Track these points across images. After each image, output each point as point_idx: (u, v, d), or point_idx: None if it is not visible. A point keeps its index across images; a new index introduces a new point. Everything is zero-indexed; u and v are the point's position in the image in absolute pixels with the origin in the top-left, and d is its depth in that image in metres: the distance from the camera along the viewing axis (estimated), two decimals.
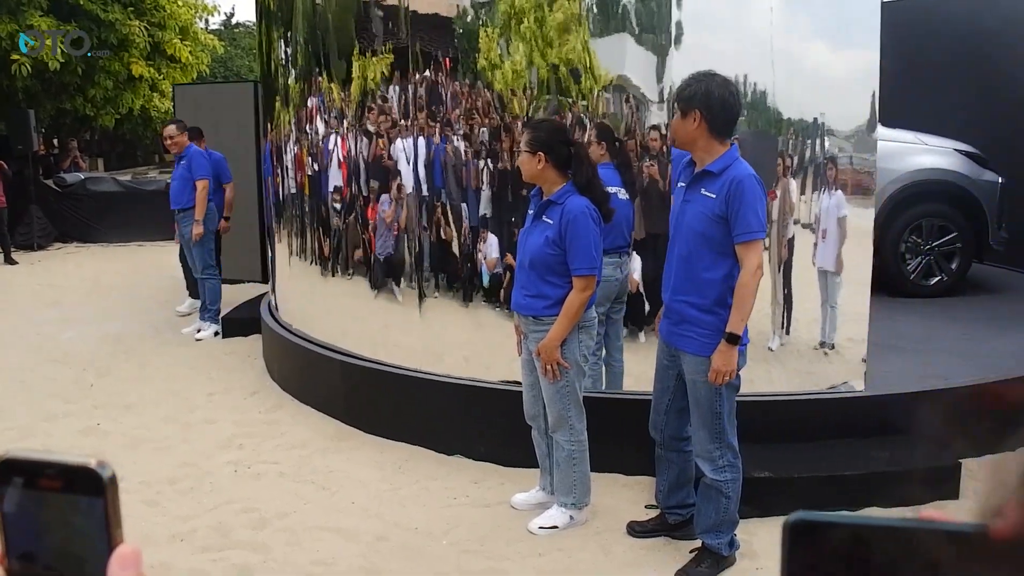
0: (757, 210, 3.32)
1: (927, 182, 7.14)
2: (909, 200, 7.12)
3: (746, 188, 3.31)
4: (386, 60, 5.10)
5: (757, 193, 3.33)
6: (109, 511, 0.63)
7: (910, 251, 7.18)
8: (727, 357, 3.36)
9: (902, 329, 6.10)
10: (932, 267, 7.21)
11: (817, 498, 4.19)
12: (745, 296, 3.34)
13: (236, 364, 7.04)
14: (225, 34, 31.65)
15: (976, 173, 7.20)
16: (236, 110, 9.71)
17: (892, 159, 6.93)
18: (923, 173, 7.11)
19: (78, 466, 0.63)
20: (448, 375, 5.04)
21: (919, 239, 7.15)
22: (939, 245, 7.16)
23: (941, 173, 7.14)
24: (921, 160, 7.15)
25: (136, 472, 4.82)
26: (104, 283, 11.00)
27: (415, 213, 5.13)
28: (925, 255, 7.18)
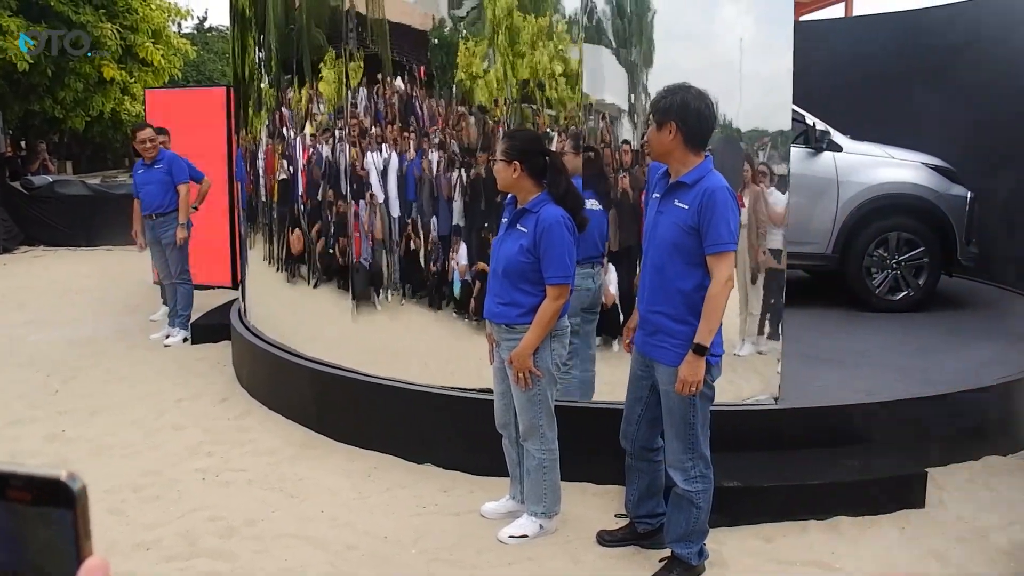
0: (729, 222, 3.34)
1: (893, 195, 7.10)
2: (874, 213, 7.09)
3: (718, 200, 3.33)
4: (358, 68, 5.09)
5: (729, 205, 3.35)
6: (79, 523, 0.62)
7: (876, 265, 7.14)
8: (694, 368, 3.38)
9: (851, 343, 6.15)
10: (899, 281, 7.16)
11: (786, 507, 4.22)
12: (714, 308, 3.36)
13: (205, 370, 6.98)
14: (198, 38, 31.52)
15: (944, 187, 7.15)
16: (208, 114, 9.67)
17: (857, 172, 7.02)
18: (889, 186, 7.07)
19: (48, 478, 0.63)
20: (418, 383, 5.03)
21: (885, 253, 7.12)
22: (906, 259, 7.11)
23: (907, 187, 7.10)
24: (887, 173, 7.11)
25: (101, 479, 4.76)
26: (71, 287, 10.88)
27: (386, 221, 5.12)
28: (891, 269, 7.14)
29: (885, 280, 7.16)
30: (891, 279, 7.15)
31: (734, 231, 3.36)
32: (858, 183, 7.01)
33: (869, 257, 7.11)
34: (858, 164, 7.08)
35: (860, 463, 4.45)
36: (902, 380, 5.18)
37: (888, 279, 7.16)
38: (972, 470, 4.84)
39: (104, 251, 13.90)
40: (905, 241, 7.10)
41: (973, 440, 4.97)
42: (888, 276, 7.15)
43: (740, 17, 4.49)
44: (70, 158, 24.50)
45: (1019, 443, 5.09)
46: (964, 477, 4.74)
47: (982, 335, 6.35)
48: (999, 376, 5.16)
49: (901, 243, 7.10)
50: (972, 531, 4.16)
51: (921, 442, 4.68)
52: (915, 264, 7.12)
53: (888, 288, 7.17)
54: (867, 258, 7.11)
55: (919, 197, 7.08)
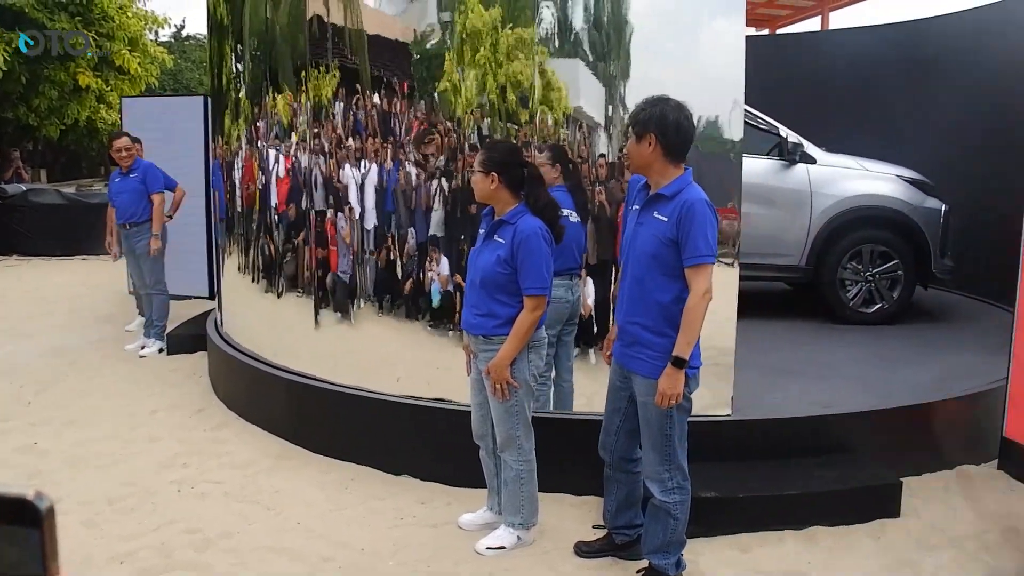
0: (707, 234, 3.35)
1: (866, 208, 7.09)
2: (848, 226, 7.09)
3: (696, 212, 3.35)
4: (335, 79, 5.09)
5: (708, 217, 3.37)
6: (46, 542, 0.62)
7: (851, 278, 7.13)
8: (673, 380, 3.39)
9: (820, 355, 6.16)
10: (873, 294, 7.16)
11: (762, 518, 4.24)
12: (692, 320, 3.37)
13: (181, 381, 6.93)
14: (175, 46, 31.38)
15: (918, 200, 7.15)
16: (185, 124, 9.62)
17: (831, 184, 7.03)
18: (862, 199, 7.07)
19: (15, 497, 0.62)
20: (395, 394, 5.02)
21: (860, 265, 7.11)
22: (880, 272, 7.11)
23: (881, 199, 7.09)
24: (861, 186, 7.11)
25: (75, 492, 4.72)
26: (45, 297, 10.79)
27: (363, 232, 5.11)
28: (865, 282, 7.13)
29: (859, 293, 7.15)
30: (865, 292, 7.15)
31: (712, 243, 3.37)
32: (831, 195, 7.03)
33: (843, 269, 7.10)
34: (832, 176, 7.09)
35: (836, 473, 4.48)
36: (863, 392, 5.19)
37: (862, 292, 7.15)
38: (947, 479, 4.88)
39: (79, 260, 13.79)
40: (879, 254, 7.10)
41: (943, 450, 5.02)
42: (862, 289, 7.15)
43: (693, 30, 4.54)
44: (44, 166, 24.30)
45: (992, 453, 5.14)
46: (939, 486, 4.78)
47: (954, 347, 6.38)
48: (967, 388, 5.20)
49: (875, 256, 7.10)
50: (947, 540, 4.19)
51: (873, 454, 4.68)
52: (890, 277, 7.12)
53: (862, 300, 7.16)
54: (841, 270, 7.10)
55: (893, 209, 7.09)
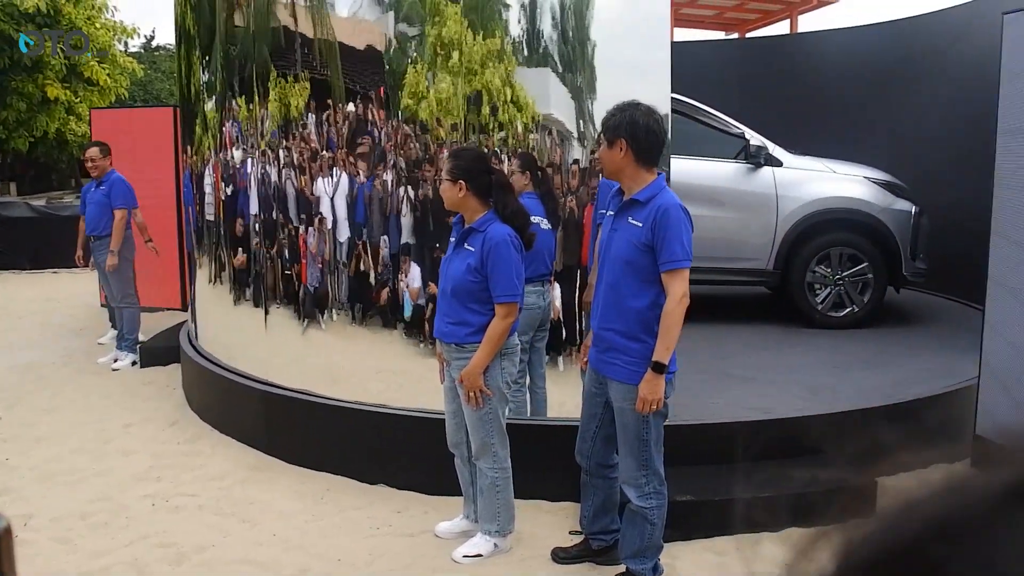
0: (682, 239, 3.36)
1: (833, 210, 6.99)
2: (815, 228, 7.00)
3: (671, 217, 3.36)
4: (304, 89, 5.07)
5: (683, 222, 3.38)
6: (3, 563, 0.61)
7: (820, 281, 7.03)
8: (653, 386, 3.39)
9: (779, 360, 6.12)
10: (843, 298, 7.05)
11: (738, 520, 4.25)
12: (670, 325, 3.38)
13: (154, 394, 6.87)
14: (145, 57, 31.15)
15: (887, 202, 7.05)
16: (155, 135, 9.55)
17: (797, 187, 6.97)
18: (829, 201, 6.98)
19: None
20: (369, 404, 5.00)
21: (828, 269, 7.01)
22: (849, 275, 7.00)
23: (848, 201, 6.99)
24: (827, 188, 7.02)
25: (46, 508, 4.66)
26: (15, 311, 10.66)
27: (335, 243, 5.09)
28: (834, 285, 7.03)
29: (828, 296, 7.06)
30: (835, 295, 7.05)
31: (687, 248, 3.38)
32: (797, 198, 6.95)
33: (811, 273, 7.01)
34: (798, 179, 7.01)
35: (809, 475, 4.50)
36: (806, 398, 5.17)
37: (831, 295, 7.05)
38: (921, 478, 4.91)
39: (50, 274, 13.64)
40: (848, 257, 7.01)
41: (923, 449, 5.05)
42: (831, 292, 7.05)
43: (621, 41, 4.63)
44: (13, 179, 24.06)
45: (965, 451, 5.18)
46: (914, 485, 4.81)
47: (917, 349, 6.38)
48: (914, 393, 5.22)
49: (844, 259, 7.01)
50: None
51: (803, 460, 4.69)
52: (859, 280, 7.03)
53: (832, 304, 7.06)
54: (809, 274, 7.01)
55: (860, 212, 7.00)
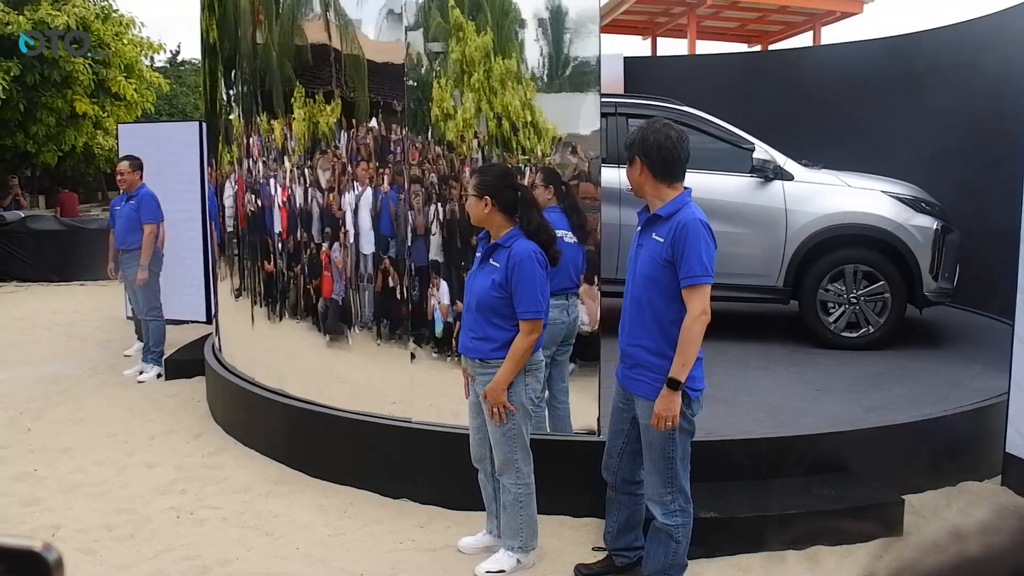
0: (701, 255, 3.34)
1: (846, 226, 6.68)
2: (827, 244, 6.71)
3: (690, 232, 3.35)
4: (331, 105, 5.09)
5: (702, 237, 3.36)
6: None
7: (834, 300, 6.73)
8: (668, 402, 3.37)
9: (763, 381, 5.98)
10: (859, 317, 6.74)
11: (763, 538, 4.21)
12: (687, 340, 3.35)
13: (178, 406, 6.91)
14: (170, 71, 31.47)
15: (904, 217, 6.67)
16: (181, 149, 9.64)
17: (808, 201, 6.72)
18: (842, 216, 6.68)
19: (24, 549, 0.62)
20: (393, 418, 5.00)
21: (843, 287, 6.71)
22: (865, 294, 6.68)
23: (862, 216, 6.66)
24: (840, 202, 6.73)
25: (73, 519, 4.70)
26: (42, 323, 10.77)
27: (360, 258, 5.10)
28: (849, 304, 6.72)
29: (842, 316, 6.76)
30: (849, 315, 6.75)
31: (707, 264, 3.36)
32: (808, 213, 6.70)
33: (824, 291, 6.74)
34: (809, 193, 6.76)
35: (836, 492, 4.46)
36: (763, 422, 5.03)
37: (845, 315, 6.76)
38: (949, 496, 4.86)
39: (76, 286, 13.79)
40: (864, 275, 6.70)
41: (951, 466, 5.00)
42: (845, 311, 6.76)
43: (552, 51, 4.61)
44: (42, 192, 24.34)
45: (995, 468, 5.12)
46: (941, 503, 4.76)
47: (944, 364, 6.25)
48: (942, 410, 5.14)
49: (859, 277, 6.70)
50: None
51: (829, 478, 4.59)
52: (876, 299, 6.71)
53: (846, 324, 6.76)
54: (822, 292, 6.74)
55: (875, 227, 6.66)
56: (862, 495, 4.47)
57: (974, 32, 8.64)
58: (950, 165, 8.57)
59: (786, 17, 15.22)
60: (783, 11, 14.74)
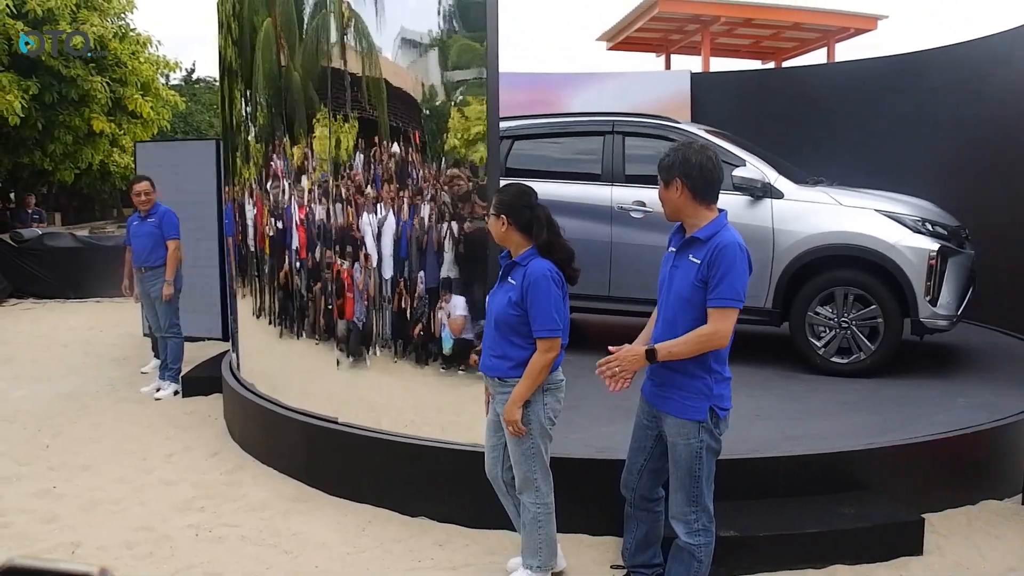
0: (735, 281, 3.32)
1: (835, 246, 6.41)
2: (814, 266, 6.49)
3: (727, 255, 3.34)
4: (351, 128, 5.12)
5: (739, 261, 3.34)
6: None
7: (824, 323, 6.49)
8: (635, 359, 3.40)
9: (823, 392, 5.99)
10: (850, 342, 6.46)
11: (783, 556, 4.20)
12: (688, 342, 3.36)
13: (196, 424, 6.94)
14: (186, 89, 31.74)
15: (898, 238, 6.30)
16: (198, 167, 9.72)
17: (796, 220, 6.53)
18: (831, 236, 6.42)
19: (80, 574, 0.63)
20: (411, 436, 5.00)
21: (832, 310, 6.46)
22: (857, 319, 6.40)
23: (852, 236, 6.37)
24: (829, 222, 6.46)
25: (92, 537, 4.71)
26: (59, 340, 10.83)
27: (377, 277, 5.12)
28: (840, 328, 6.45)
29: (832, 340, 6.50)
30: (839, 339, 6.48)
31: (739, 289, 3.34)
32: (796, 232, 6.49)
33: (814, 315, 6.51)
34: (798, 212, 6.55)
35: (855, 511, 4.44)
36: (782, 440, 4.95)
37: (836, 339, 6.49)
38: (970, 515, 4.83)
39: (93, 303, 13.88)
40: (857, 298, 6.42)
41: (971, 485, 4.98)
42: (835, 336, 6.49)
43: None
44: (59, 209, 24.53)
45: (1015, 487, 5.10)
46: (962, 522, 4.74)
47: (932, 391, 6.02)
48: (963, 428, 5.09)
49: (851, 300, 6.43)
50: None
51: (849, 496, 4.59)
52: (869, 324, 6.41)
53: (836, 349, 6.50)
54: (811, 315, 6.51)
55: (866, 248, 6.34)
56: (882, 514, 4.44)
57: (988, 49, 8.64)
58: (967, 180, 8.57)
59: (800, 34, 15.26)
60: (797, 28, 14.78)
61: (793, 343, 6.69)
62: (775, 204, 6.61)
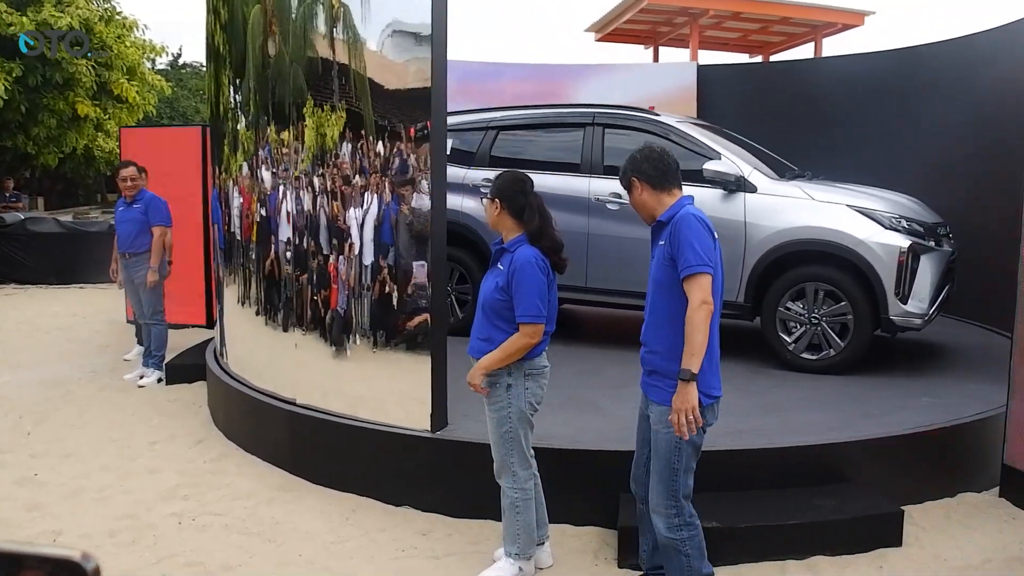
0: (694, 245, 3.34)
1: (804, 241, 6.36)
2: (785, 261, 6.45)
3: (683, 225, 3.38)
4: (339, 119, 5.10)
5: (694, 228, 3.37)
6: None
7: (793, 319, 6.45)
8: (684, 395, 3.31)
9: (805, 386, 5.99)
10: (820, 339, 6.39)
11: (764, 547, 4.24)
12: (692, 330, 3.31)
13: (180, 411, 6.92)
14: (172, 74, 31.52)
15: (868, 234, 6.22)
16: (183, 153, 9.67)
17: (768, 215, 6.50)
18: (800, 231, 6.37)
19: (62, 558, 0.64)
20: (395, 425, 5.01)
21: (803, 306, 6.41)
22: (827, 315, 6.33)
23: (819, 232, 6.31)
24: (799, 217, 6.40)
25: (75, 525, 4.70)
26: (42, 326, 10.78)
27: (362, 267, 5.11)
28: (809, 324, 6.40)
29: (802, 336, 6.45)
30: (810, 335, 6.42)
31: (702, 254, 3.34)
32: (765, 227, 6.46)
33: (785, 310, 6.47)
34: (769, 206, 6.50)
35: (836, 502, 4.48)
36: (763, 432, 4.98)
37: (805, 335, 6.44)
38: (948, 507, 4.88)
39: (76, 289, 13.80)
40: (828, 294, 6.35)
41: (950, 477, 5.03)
42: (804, 332, 6.44)
43: None
44: (41, 194, 24.34)
45: (993, 480, 5.15)
46: (940, 514, 4.78)
47: (912, 385, 6.05)
48: (942, 422, 5.12)
49: (821, 296, 6.37)
50: (950, 569, 4.19)
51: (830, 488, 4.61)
52: (839, 320, 6.34)
53: (807, 345, 6.44)
54: (782, 311, 6.47)
55: (834, 243, 6.28)
56: (861, 505, 4.48)
57: (975, 46, 8.68)
58: (951, 176, 8.62)
59: (788, 28, 15.28)
60: (785, 22, 14.81)
61: (764, 338, 6.68)
62: (748, 198, 6.57)
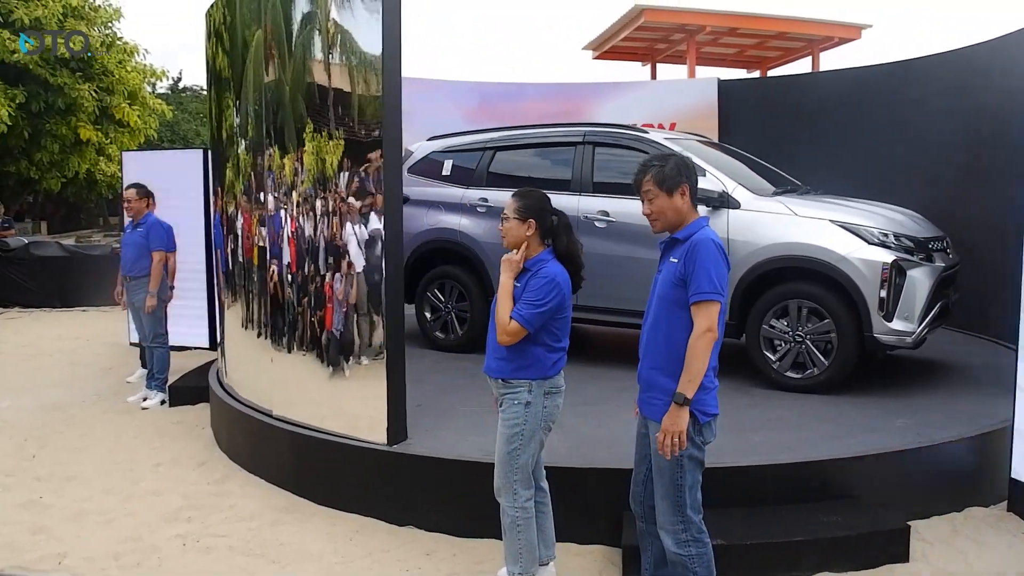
0: (711, 272, 3.35)
1: (784, 258, 6.28)
2: (767, 278, 6.37)
3: (701, 250, 3.37)
4: (338, 145, 5.12)
5: (713, 256, 3.37)
6: None
7: (778, 337, 6.35)
8: (674, 418, 3.33)
9: (809, 400, 5.97)
10: (805, 357, 6.28)
11: (769, 564, 4.22)
12: (693, 356, 3.33)
13: (183, 433, 6.92)
14: (172, 98, 31.65)
15: (850, 249, 6.09)
16: (185, 176, 9.71)
17: (750, 231, 6.44)
18: (782, 247, 6.28)
19: None
20: (397, 445, 5.00)
21: (787, 324, 6.30)
22: (812, 333, 6.21)
23: (802, 247, 6.22)
24: (779, 233, 6.33)
25: (79, 547, 4.69)
26: (45, 349, 10.79)
27: (362, 287, 5.12)
28: (794, 342, 6.29)
29: (787, 354, 6.34)
30: (794, 353, 6.31)
31: (716, 282, 3.35)
32: (748, 243, 6.39)
33: (769, 328, 6.38)
34: (752, 222, 6.44)
35: (842, 519, 4.46)
36: (767, 448, 4.97)
37: (790, 353, 6.33)
38: (955, 522, 4.86)
39: (79, 312, 13.82)
40: (811, 311, 6.23)
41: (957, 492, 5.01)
42: (788, 350, 6.33)
43: None
44: (44, 218, 24.42)
45: (1001, 494, 5.13)
46: (947, 529, 4.76)
47: (917, 399, 6.02)
48: (945, 436, 5.10)
49: (806, 313, 6.25)
50: None
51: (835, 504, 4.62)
52: (823, 339, 6.21)
53: (792, 363, 6.32)
54: (766, 328, 6.38)
55: (816, 260, 6.17)
56: (868, 521, 4.46)
57: (971, 59, 8.71)
58: (951, 188, 8.63)
59: (784, 43, 15.36)
60: (781, 37, 14.89)
61: (748, 356, 6.61)
62: (731, 214, 6.53)
